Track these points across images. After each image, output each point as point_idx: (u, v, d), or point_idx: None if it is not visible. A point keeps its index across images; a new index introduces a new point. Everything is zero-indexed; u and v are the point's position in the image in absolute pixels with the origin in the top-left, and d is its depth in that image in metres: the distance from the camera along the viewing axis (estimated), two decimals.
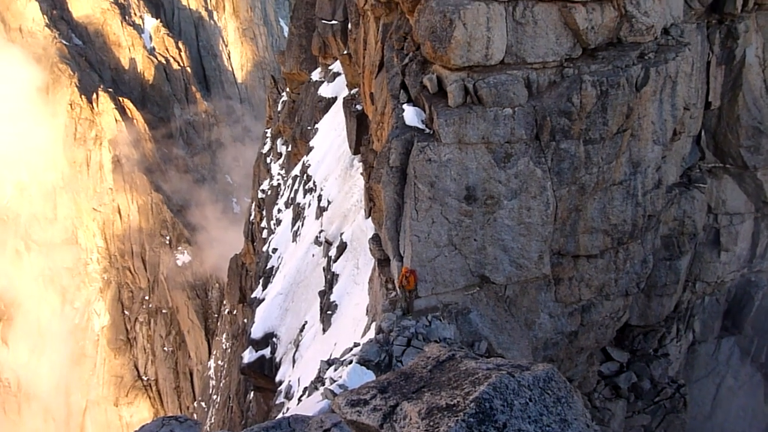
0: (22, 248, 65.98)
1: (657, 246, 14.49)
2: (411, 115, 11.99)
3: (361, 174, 18.65)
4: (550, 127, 11.48)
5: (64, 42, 70.70)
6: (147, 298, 64.30)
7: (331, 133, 25.89)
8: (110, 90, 69.44)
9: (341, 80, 25.93)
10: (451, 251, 11.72)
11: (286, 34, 71.69)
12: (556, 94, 11.56)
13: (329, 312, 17.95)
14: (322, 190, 23.83)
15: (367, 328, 14.28)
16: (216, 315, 56.87)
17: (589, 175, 12.06)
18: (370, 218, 14.87)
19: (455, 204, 11.46)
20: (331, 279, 18.99)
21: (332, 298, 18.27)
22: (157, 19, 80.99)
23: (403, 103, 12.35)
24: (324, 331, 18.00)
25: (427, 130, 11.71)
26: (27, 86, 66.82)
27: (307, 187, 26.20)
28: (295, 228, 26.01)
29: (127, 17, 77.35)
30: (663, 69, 12.33)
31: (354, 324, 16.01)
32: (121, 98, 69.13)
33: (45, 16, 70.47)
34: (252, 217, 38.10)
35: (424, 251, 11.52)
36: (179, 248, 64.55)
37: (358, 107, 19.96)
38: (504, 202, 11.62)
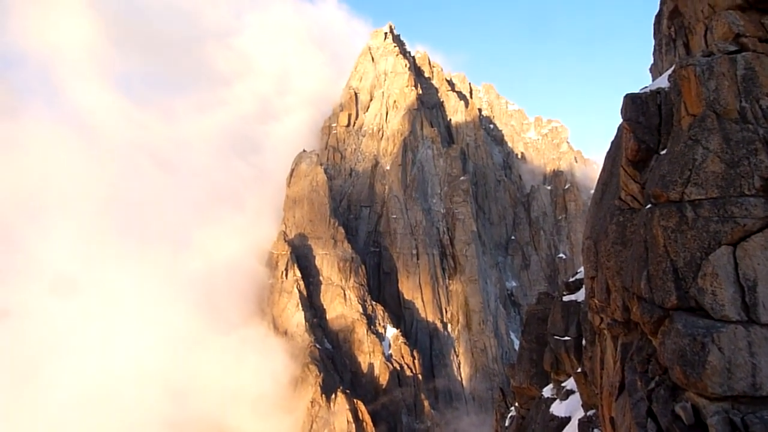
0: None
1: None
2: None
3: None
4: None
5: (317, 345, 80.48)
6: None
7: None
8: (347, 391, 74.56)
9: (575, 399, 24.26)
10: None
11: (516, 348, 72.38)
12: None
13: None
14: None
15: None
16: None
17: None
18: None
19: None
20: None
21: None
22: (397, 328, 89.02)
23: None
24: None
25: None
26: (280, 379, 75.55)
27: None
28: None
29: (372, 326, 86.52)
30: None
31: None
32: (355, 400, 73.35)
33: (307, 323, 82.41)
34: None
35: None
36: None
37: (597, 431, 18.03)
38: None
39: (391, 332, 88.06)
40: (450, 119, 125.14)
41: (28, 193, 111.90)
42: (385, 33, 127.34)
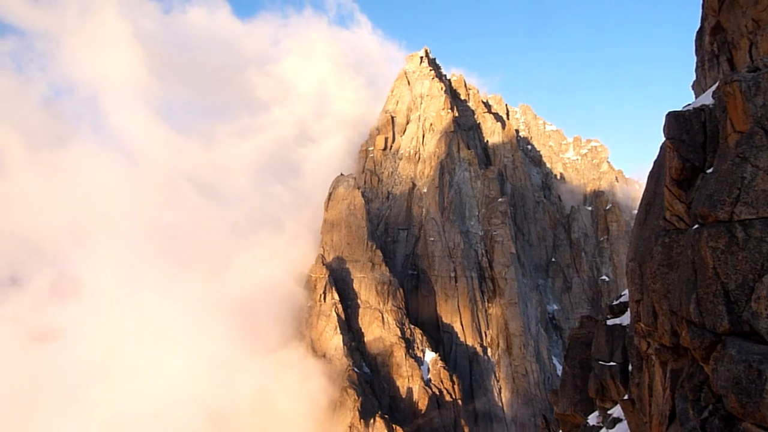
0: None
1: None
2: None
3: None
4: None
5: (356, 369, 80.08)
6: None
7: None
8: (386, 416, 73.73)
9: (623, 427, 23.35)
10: None
11: (559, 373, 70.47)
12: None
13: None
14: None
15: None
16: None
17: None
18: None
19: None
20: None
21: None
22: (435, 352, 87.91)
23: None
24: None
25: None
26: (319, 402, 75.33)
27: None
28: None
29: (410, 350, 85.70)
30: None
31: None
32: (394, 425, 72.44)
33: (345, 347, 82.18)
34: None
35: None
36: None
37: None
38: None
39: (430, 356, 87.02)
40: (487, 141, 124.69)
41: (75, 216, 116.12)
42: (421, 57, 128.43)
